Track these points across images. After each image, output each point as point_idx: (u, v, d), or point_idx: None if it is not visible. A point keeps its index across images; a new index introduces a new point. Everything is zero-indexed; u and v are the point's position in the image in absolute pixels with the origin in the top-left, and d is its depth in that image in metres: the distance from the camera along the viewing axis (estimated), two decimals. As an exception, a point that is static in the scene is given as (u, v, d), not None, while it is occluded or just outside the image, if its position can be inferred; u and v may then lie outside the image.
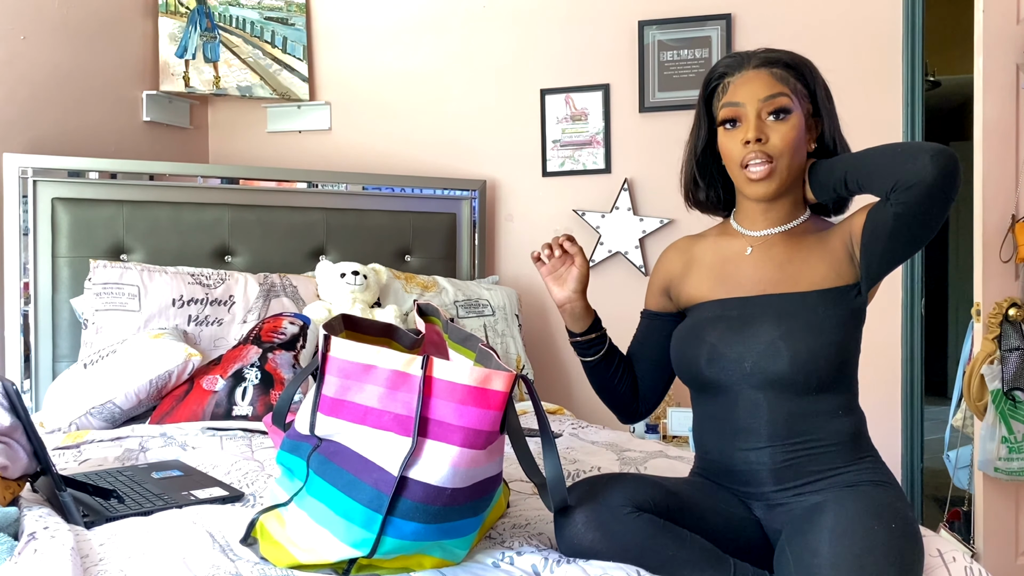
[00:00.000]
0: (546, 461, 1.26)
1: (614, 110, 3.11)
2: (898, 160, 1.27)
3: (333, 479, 1.21)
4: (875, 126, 2.88)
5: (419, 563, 1.23)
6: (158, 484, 1.60)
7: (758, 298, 1.43)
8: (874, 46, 2.91)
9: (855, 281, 1.41)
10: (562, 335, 3.18)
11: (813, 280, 1.41)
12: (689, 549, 1.29)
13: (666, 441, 2.67)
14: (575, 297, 1.51)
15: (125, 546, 1.28)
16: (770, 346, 1.37)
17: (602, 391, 1.60)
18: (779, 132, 1.39)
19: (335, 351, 1.24)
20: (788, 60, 1.43)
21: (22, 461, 1.45)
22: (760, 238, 1.48)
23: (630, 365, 1.61)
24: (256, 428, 2.14)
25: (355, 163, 3.26)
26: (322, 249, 2.92)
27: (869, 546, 1.24)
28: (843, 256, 1.41)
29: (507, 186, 3.23)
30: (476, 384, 1.19)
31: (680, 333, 1.50)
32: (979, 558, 2.41)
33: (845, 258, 1.41)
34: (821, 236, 1.45)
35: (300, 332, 2.37)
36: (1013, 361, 2.35)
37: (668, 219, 3.04)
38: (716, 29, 3.01)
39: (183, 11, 3.12)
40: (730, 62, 1.46)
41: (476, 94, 3.22)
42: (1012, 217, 2.41)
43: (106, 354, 2.29)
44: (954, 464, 2.56)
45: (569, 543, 1.28)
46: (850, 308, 1.40)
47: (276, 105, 3.30)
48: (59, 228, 2.55)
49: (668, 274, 1.58)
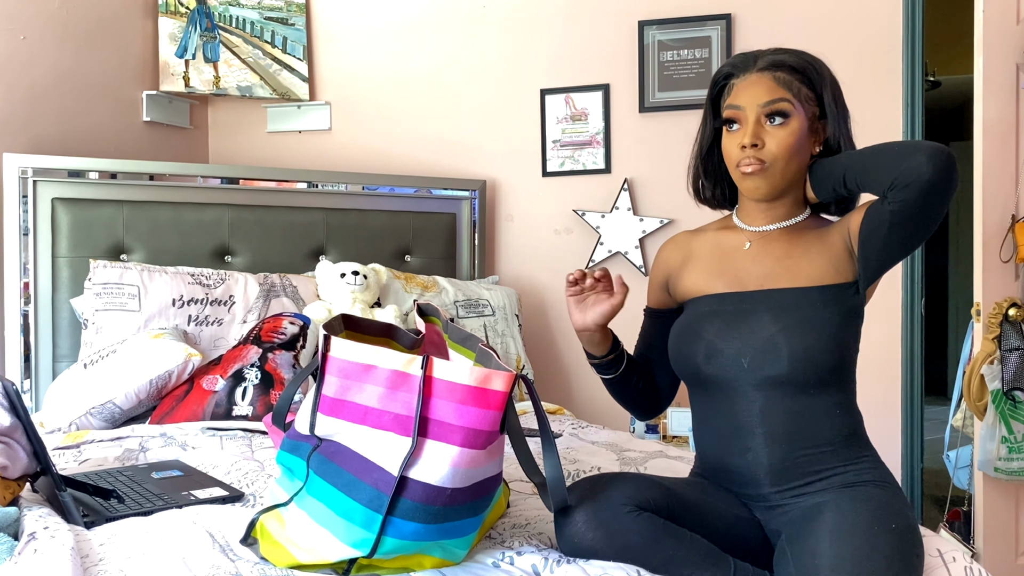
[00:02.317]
0: (546, 461, 1.26)
1: (614, 110, 3.11)
2: (895, 159, 1.27)
3: (333, 479, 1.21)
4: (875, 126, 2.88)
5: (419, 563, 1.23)
6: (158, 484, 1.60)
7: (756, 293, 1.43)
8: (874, 46, 2.91)
9: (853, 279, 1.41)
10: (562, 335, 3.19)
11: (812, 275, 1.41)
12: (689, 549, 1.29)
13: (666, 441, 2.67)
14: (593, 328, 1.47)
15: (125, 546, 1.28)
16: (768, 342, 1.37)
17: (622, 399, 1.60)
18: (776, 138, 1.40)
19: (335, 351, 1.24)
20: (794, 63, 1.43)
21: (22, 461, 1.45)
22: (759, 233, 1.48)
23: (645, 369, 1.61)
24: (256, 428, 2.14)
25: (355, 163, 3.26)
26: (322, 249, 2.92)
27: (869, 546, 1.24)
28: (842, 253, 1.41)
29: (507, 186, 3.23)
30: (476, 384, 1.19)
31: (677, 329, 1.50)
32: (979, 558, 2.41)
33: (844, 255, 1.41)
34: (820, 233, 1.45)
35: (300, 332, 2.37)
36: (1013, 361, 2.35)
37: (668, 219, 3.04)
38: (716, 29, 3.01)
39: (183, 11, 3.12)
40: (736, 62, 1.47)
41: (476, 94, 3.22)
42: (1012, 217, 2.41)
43: (106, 354, 2.29)
44: (954, 464, 2.56)
45: (569, 543, 1.28)
46: (849, 305, 1.40)
47: (276, 105, 3.30)
48: (59, 228, 2.55)
49: (667, 268, 1.58)
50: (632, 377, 1.57)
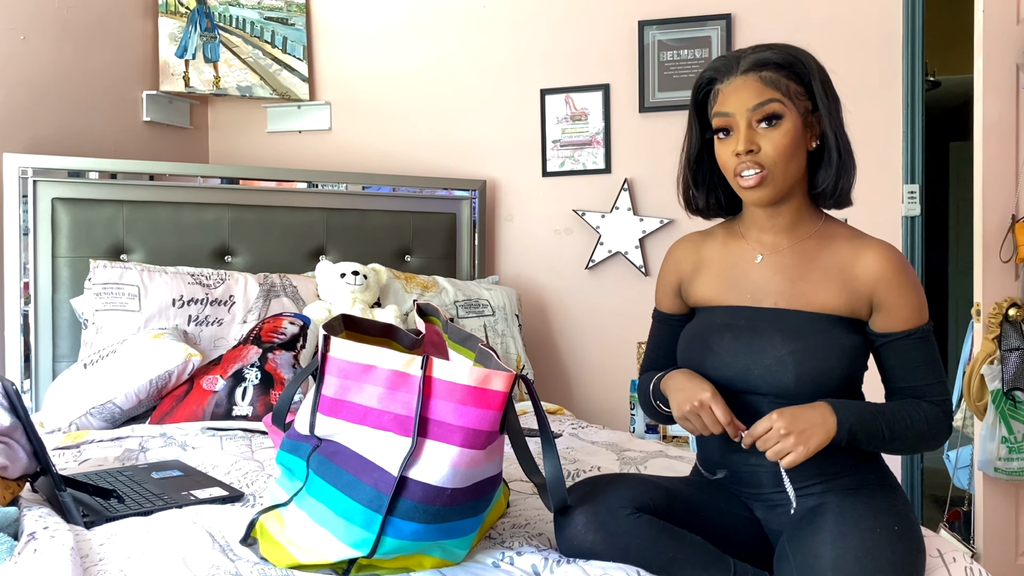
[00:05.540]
0: (546, 461, 1.26)
1: (614, 110, 3.11)
2: (923, 444, 1.39)
3: (333, 479, 1.21)
4: (875, 126, 2.88)
5: (419, 563, 1.23)
6: (158, 484, 1.60)
7: (769, 311, 1.41)
8: (874, 46, 2.91)
9: (866, 320, 1.40)
10: (562, 335, 3.19)
11: (825, 303, 1.38)
12: (689, 550, 1.29)
13: (666, 441, 2.67)
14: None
15: (125, 546, 1.28)
16: (777, 361, 1.36)
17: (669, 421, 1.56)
18: (771, 140, 1.35)
19: (335, 351, 1.24)
20: (779, 59, 1.37)
21: (22, 461, 1.45)
22: (770, 246, 1.44)
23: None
24: (256, 428, 2.14)
25: (355, 163, 3.26)
26: (322, 249, 2.92)
27: (870, 547, 1.24)
28: (860, 300, 1.38)
29: (507, 186, 3.23)
30: (476, 384, 1.19)
31: (687, 337, 1.48)
32: (979, 558, 2.41)
33: (862, 302, 1.38)
34: (835, 255, 1.40)
35: (300, 332, 2.37)
36: (1013, 361, 2.34)
37: (668, 219, 3.04)
38: (716, 29, 3.01)
39: (183, 11, 3.12)
40: (718, 66, 1.41)
41: (476, 94, 3.22)
42: (1012, 217, 2.40)
43: (106, 354, 2.29)
44: (954, 464, 2.56)
45: (569, 543, 1.28)
46: (860, 338, 1.39)
47: (276, 105, 3.30)
48: (59, 228, 2.55)
49: (679, 272, 1.54)
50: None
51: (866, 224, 1.64)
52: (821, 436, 1.28)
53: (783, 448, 1.27)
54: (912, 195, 2.88)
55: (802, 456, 1.26)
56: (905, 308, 1.37)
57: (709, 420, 1.33)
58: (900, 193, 2.89)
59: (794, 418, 1.28)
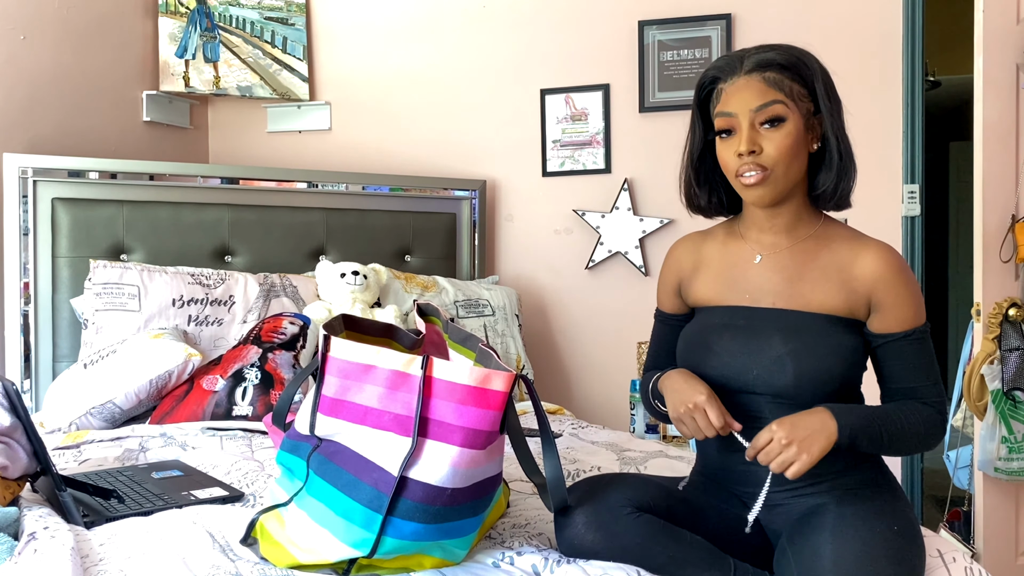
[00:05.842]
0: (546, 461, 1.26)
1: (614, 110, 3.11)
2: (920, 446, 1.39)
3: (333, 479, 1.21)
4: (875, 126, 2.88)
5: (419, 563, 1.23)
6: (158, 484, 1.60)
7: (768, 311, 1.41)
8: (874, 46, 2.91)
9: (864, 320, 1.40)
10: (562, 335, 3.19)
11: (824, 303, 1.39)
12: (689, 549, 1.29)
13: (666, 441, 2.66)
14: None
15: (125, 546, 1.28)
16: (776, 361, 1.36)
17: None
18: (773, 141, 1.35)
19: (335, 351, 1.24)
20: (783, 60, 1.37)
21: (22, 461, 1.45)
22: (769, 246, 1.45)
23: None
24: (256, 428, 2.14)
25: (355, 163, 3.26)
26: (322, 249, 2.92)
27: (871, 547, 1.24)
28: (859, 300, 1.38)
29: (507, 186, 3.23)
30: (476, 384, 1.19)
31: (686, 337, 1.49)
32: (979, 558, 2.41)
33: (861, 303, 1.38)
34: (834, 255, 1.41)
35: (300, 332, 2.37)
36: (1013, 361, 2.34)
37: (668, 219, 3.04)
38: (716, 29, 3.01)
39: (183, 11, 3.12)
40: (722, 65, 1.41)
41: (476, 94, 3.22)
42: (1012, 217, 2.40)
43: (106, 354, 2.29)
44: (954, 464, 2.56)
45: (569, 543, 1.28)
46: (858, 339, 1.39)
47: (276, 105, 3.30)
48: (59, 228, 2.55)
49: (680, 272, 1.55)
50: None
51: (866, 224, 1.64)
52: (823, 442, 1.28)
53: (787, 459, 1.26)
54: (912, 195, 2.88)
55: (807, 465, 1.26)
56: (903, 309, 1.37)
57: (703, 423, 1.33)
58: (900, 193, 2.89)
59: (794, 426, 1.28)
